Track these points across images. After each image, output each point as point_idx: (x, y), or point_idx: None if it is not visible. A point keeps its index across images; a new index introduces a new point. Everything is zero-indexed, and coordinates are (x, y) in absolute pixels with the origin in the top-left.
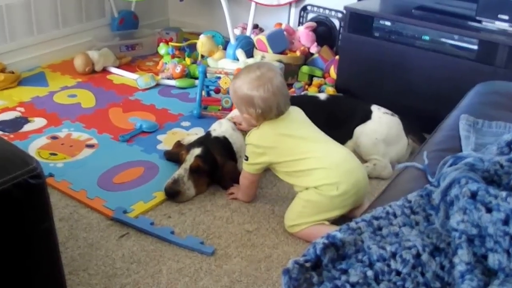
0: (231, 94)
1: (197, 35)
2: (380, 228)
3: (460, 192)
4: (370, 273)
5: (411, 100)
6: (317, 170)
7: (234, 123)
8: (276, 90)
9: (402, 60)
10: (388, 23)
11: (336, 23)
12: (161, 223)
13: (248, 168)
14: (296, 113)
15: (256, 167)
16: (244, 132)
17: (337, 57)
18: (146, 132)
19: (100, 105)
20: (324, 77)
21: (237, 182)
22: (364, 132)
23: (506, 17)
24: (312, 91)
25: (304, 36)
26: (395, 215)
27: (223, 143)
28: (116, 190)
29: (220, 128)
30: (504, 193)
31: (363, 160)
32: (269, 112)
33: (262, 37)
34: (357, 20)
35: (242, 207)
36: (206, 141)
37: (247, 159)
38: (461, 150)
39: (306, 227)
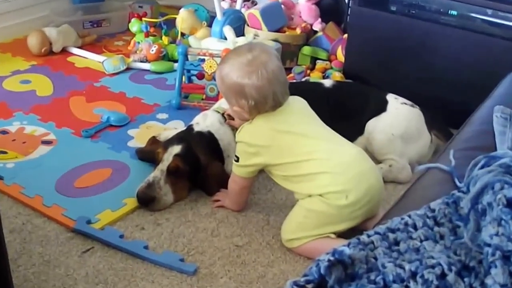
0: (218, 82)
1: (176, 9)
2: (397, 243)
3: (494, 199)
4: None
5: (435, 87)
6: (321, 174)
7: (224, 116)
8: (272, 77)
9: (425, 40)
10: None
11: None
12: (132, 235)
13: (238, 170)
14: (297, 105)
15: (248, 170)
16: (235, 128)
17: (345, 35)
18: (114, 125)
19: (59, 93)
20: (329, 60)
21: (225, 186)
22: (378, 127)
23: None
24: (315, 76)
25: (305, 10)
26: (415, 227)
27: (208, 140)
28: (78, 195)
29: (205, 121)
30: None
31: (377, 161)
32: (264, 103)
33: (255, 11)
34: None
35: (230, 216)
36: (187, 137)
37: (237, 160)
38: (495, 149)
39: (307, 241)
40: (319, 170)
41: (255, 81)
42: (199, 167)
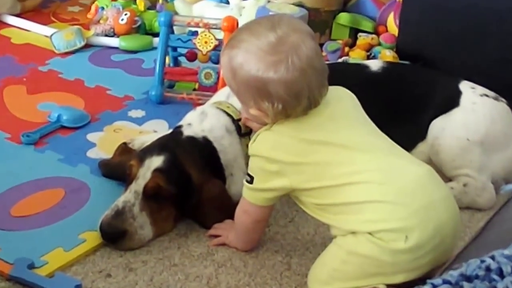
0: (227, 75)
1: None
2: None
3: None
4: None
5: None
6: (372, 204)
7: (237, 123)
8: (307, 66)
9: None
10: None
11: None
12: (94, 285)
13: (252, 196)
14: (342, 103)
15: (267, 195)
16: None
17: None
18: (68, 127)
19: None
20: (377, 33)
21: (227, 215)
22: (448, 129)
23: None
24: (356, 56)
25: None
26: (501, 274)
27: (203, 149)
28: (17, 228)
29: (202, 123)
30: None
31: (446, 178)
32: (295, 105)
33: None
34: None
35: (234, 258)
36: (172, 144)
37: (250, 180)
38: None
39: None
40: (368, 198)
41: (284, 74)
42: (191, 187)
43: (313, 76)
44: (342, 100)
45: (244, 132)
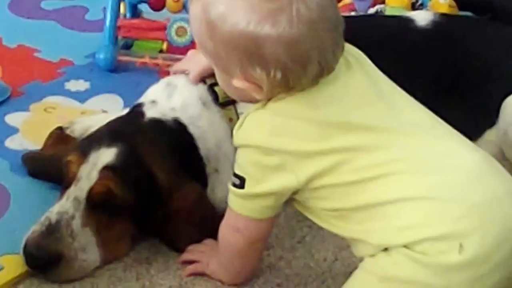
0: (201, 32)
1: None
2: None
3: None
4: None
5: None
6: (410, 203)
7: (213, 88)
8: (317, 17)
9: None
10: None
11: None
12: None
13: (244, 206)
14: (358, 67)
15: (265, 203)
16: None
17: None
18: None
19: None
20: None
21: (208, 233)
22: None
23: None
24: (395, 5)
25: None
26: None
27: (174, 137)
28: None
29: (169, 98)
30: None
31: None
32: (301, 73)
33: None
34: None
35: None
36: (130, 131)
37: (241, 184)
38: None
39: None
40: (404, 195)
41: (286, 28)
42: (156, 193)
43: (326, 32)
44: (358, 66)
45: (224, 101)
